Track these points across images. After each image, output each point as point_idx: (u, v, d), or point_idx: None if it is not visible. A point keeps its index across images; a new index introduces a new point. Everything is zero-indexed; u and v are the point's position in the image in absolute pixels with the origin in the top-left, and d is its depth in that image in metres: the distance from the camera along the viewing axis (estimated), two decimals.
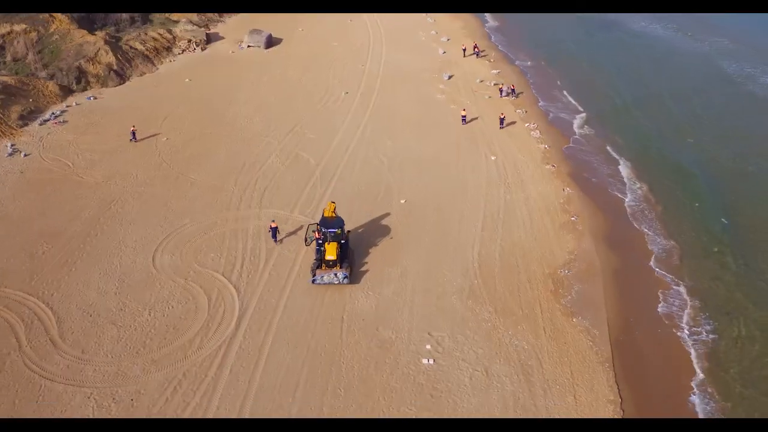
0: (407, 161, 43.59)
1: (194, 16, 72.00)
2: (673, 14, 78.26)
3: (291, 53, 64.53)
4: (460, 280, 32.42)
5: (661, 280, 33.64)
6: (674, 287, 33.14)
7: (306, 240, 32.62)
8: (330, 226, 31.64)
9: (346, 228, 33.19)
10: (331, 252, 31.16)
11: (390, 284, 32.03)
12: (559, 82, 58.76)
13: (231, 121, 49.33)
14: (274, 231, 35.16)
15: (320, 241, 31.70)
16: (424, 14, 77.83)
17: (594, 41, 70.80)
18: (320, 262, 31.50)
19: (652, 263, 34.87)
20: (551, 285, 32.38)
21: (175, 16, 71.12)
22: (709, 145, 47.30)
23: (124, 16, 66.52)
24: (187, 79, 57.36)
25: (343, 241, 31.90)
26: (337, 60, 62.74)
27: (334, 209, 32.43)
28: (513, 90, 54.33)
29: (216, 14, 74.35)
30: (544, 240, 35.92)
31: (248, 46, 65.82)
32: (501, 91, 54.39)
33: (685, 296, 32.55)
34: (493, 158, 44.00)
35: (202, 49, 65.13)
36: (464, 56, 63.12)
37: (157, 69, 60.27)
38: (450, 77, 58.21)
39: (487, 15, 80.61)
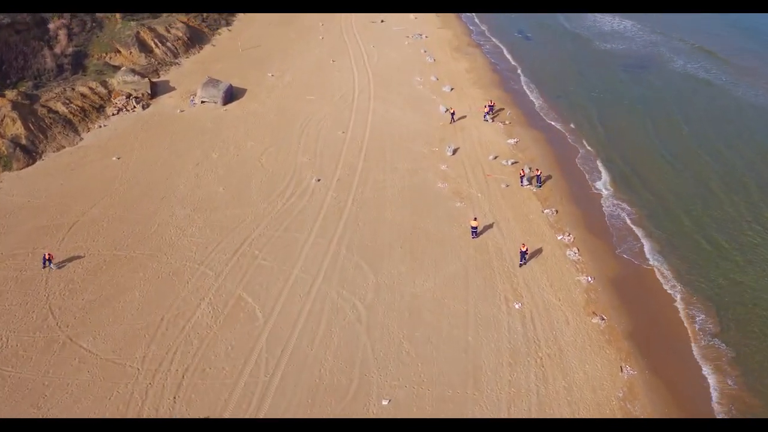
0: (394, 311, 30.64)
1: (143, 59, 59.03)
2: (716, 48, 65.35)
3: (254, 112, 51.43)
4: None
5: None
6: None
7: None
8: None
9: None
10: None
11: None
12: (595, 156, 45.58)
13: (158, 233, 36.40)
14: None
15: None
16: (422, 51, 64.69)
17: (627, 87, 57.43)
18: None
19: None
20: None
21: (117, 59, 58.14)
22: None
23: (49, 64, 53.54)
24: (114, 157, 44.35)
25: None
26: (312, 122, 49.64)
27: None
28: (538, 177, 41.19)
29: (171, 55, 61.28)
30: None
31: (202, 102, 52.74)
32: (522, 177, 41.30)
33: None
34: (516, 306, 31.02)
35: (144, 107, 52.03)
36: (452, 122, 49.31)
37: (81, 139, 47.24)
38: (455, 151, 45.08)
39: (492, 49, 67.45)
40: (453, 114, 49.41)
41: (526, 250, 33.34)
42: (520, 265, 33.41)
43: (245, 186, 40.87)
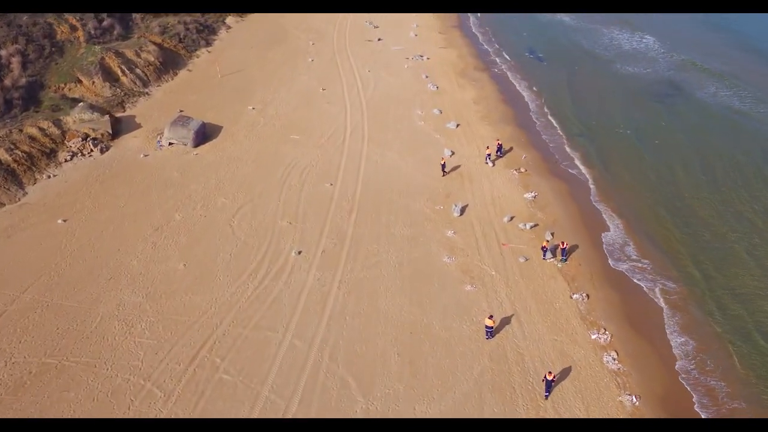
0: None
1: (107, 89, 52.06)
2: (746, 74, 58.57)
3: (229, 157, 44.49)
4: None
5: None
6: None
7: None
8: None
9: None
10: None
11: None
12: (623, 215, 38.58)
13: (99, 331, 29.56)
14: None
15: None
16: (423, 77, 57.73)
17: (653, 123, 50.23)
18: None
19: None
20: None
21: (77, 91, 51.16)
22: None
23: None
24: (60, 220, 37.44)
25: None
26: (295, 170, 42.71)
27: None
28: (564, 249, 34.29)
29: (140, 84, 54.27)
30: None
31: (170, 144, 45.85)
32: (544, 250, 34.39)
33: None
34: None
35: (103, 150, 45.08)
36: (444, 174, 41.99)
37: (25, 194, 40.33)
38: (463, 210, 38.20)
39: (502, 73, 60.52)
40: (444, 165, 42.01)
41: (553, 378, 26.19)
42: (546, 396, 26.39)
43: (211, 261, 33.97)
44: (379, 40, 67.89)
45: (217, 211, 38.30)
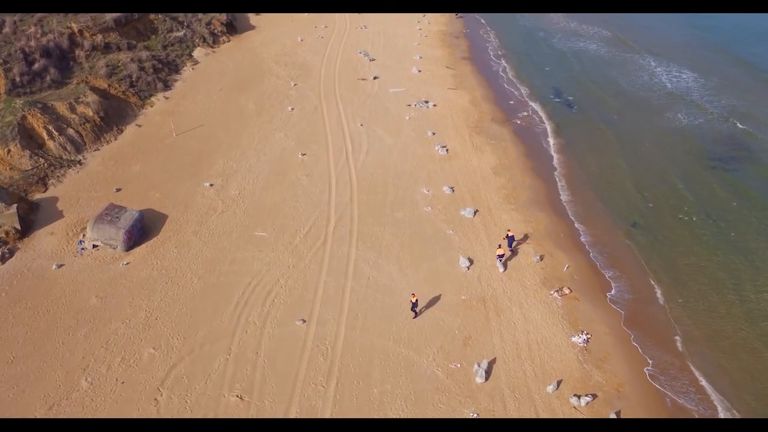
0: None
1: (26, 159, 40.78)
2: None
3: (169, 269, 33.02)
4: None
5: None
6: None
7: None
8: None
9: None
10: None
11: None
12: (712, 374, 27.51)
13: None
14: None
15: None
16: (429, 134, 46.41)
17: (726, 198, 39.48)
18: None
19: None
20: None
21: None
22: None
23: None
24: None
25: None
26: (255, 296, 31.16)
27: None
28: None
29: (71, 149, 42.97)
30: None
31: (93, 246, 34.66)
32: None
33: None
34: None
35: (4, 258, 33.70)
36: (415, 316, 29.35)
37: None
38: (488, 371, 26.87)
39: (526, 126, 49.19)
40: (415, 303, 29.36)
41: None
42: None
43: None
44: (375, 78, 56.60)
45: (142, 371, 27.01)
